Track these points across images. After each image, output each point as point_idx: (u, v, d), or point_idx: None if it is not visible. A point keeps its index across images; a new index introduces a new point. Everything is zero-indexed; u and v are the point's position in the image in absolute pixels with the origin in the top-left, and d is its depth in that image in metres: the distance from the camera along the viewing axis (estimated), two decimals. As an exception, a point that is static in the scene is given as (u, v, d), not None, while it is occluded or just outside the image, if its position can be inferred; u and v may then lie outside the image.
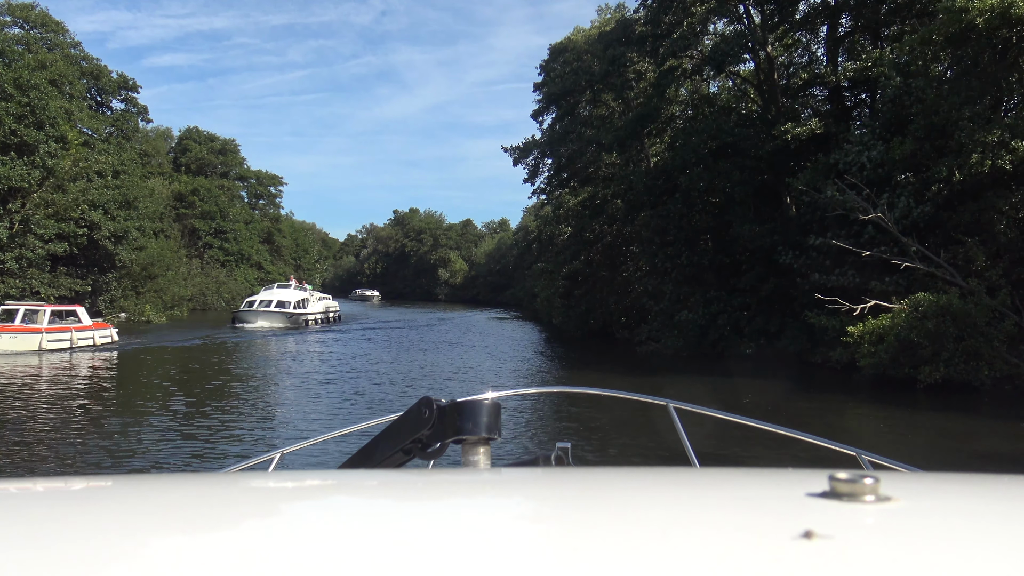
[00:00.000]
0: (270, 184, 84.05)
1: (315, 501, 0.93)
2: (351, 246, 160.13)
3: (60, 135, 39.99)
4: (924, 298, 18.12)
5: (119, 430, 13.34)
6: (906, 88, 20.22)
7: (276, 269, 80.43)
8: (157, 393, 18.55)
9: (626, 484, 0.97)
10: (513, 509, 0.89)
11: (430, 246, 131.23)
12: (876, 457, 1.50)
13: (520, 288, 73.09)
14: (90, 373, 22.26)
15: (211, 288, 65.72)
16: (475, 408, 1.27)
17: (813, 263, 22.04)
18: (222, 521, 0.79)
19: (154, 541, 0.70)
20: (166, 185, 66.81)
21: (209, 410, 15.80)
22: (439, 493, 0.94)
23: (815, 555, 0.57)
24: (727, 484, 0.98)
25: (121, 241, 45.43)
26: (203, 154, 74.42)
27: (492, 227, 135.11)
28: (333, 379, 21.15)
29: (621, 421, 13.46)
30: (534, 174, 39.82)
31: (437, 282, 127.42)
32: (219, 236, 70.13)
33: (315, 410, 16.16)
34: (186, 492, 0.97)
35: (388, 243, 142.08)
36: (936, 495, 0.89)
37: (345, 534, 0.70)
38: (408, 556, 0.61)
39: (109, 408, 16.40)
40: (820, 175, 21.79)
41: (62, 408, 15.93)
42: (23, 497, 0.93)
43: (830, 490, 0.72)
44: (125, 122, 52.63)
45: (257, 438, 13.10)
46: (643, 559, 0.58)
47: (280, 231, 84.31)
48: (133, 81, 52.71)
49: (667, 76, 26.50)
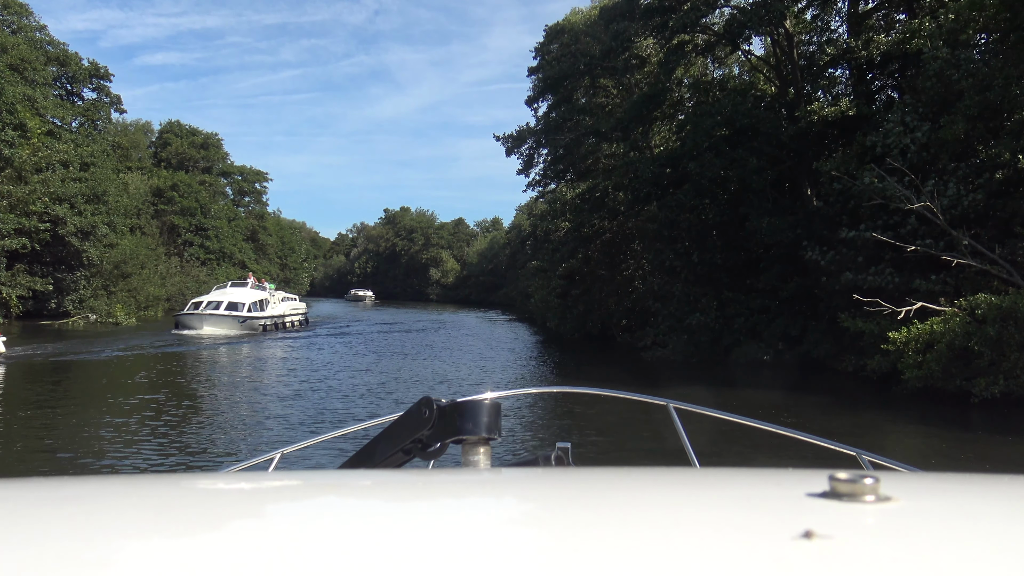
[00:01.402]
0: (255, 180, 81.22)
1: (315, 501, 0.91)
2: (341, 245, 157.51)
3: (19, 123, 37.23)
4: (983, 300, 15.63)
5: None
6: (954, 61, 17.74)
7: (260, 268, 77.59)
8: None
9: (626, 484, 0.97)
10: (513, 509, 0.89)
11: (421, 245, 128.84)
12: (876, 457, 1.50)
13: (513, 288, 70.67)
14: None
15: (191, 287, 62.85)
16: (475, 408, 1.27)
17: (844, 260, 19.53)
18: (221, 521, 0.78)
19: (153, 541, 0.69)
20: (144, 180, 64.03)
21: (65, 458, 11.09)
22: (439, 493, 0.93)
23: (815, 555, 0.58)
24: (727, 484, 0.98)
25: (89, 237, 42.66)
26: (184, 148, 71.54)
27: (484, 226, 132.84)
28: (269, 413, 15.38)
29: (621, 421, 13.13)
30: (528, 165, 37.05)
31: (428, 282, 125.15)
32: (200, 233, 67.30)
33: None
34: (185, 492, 0.96)
35: (379, 242, 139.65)
36: (936, 495, 0.88)
37: (345, 534, 0.69)
38: (408, 556, 0.61)
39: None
40: (854, 160, 19.29)
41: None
42: (21, 497, 0.90)
43: (830, 490, 0.72)
44: (96, 112, 49.76)
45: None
46: (643, 559, 0.58)
47: (265, 229, 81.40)
48: (105, 69, 49.89)
49: (676, 53, 23.95)
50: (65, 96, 49.71)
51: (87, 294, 44.61)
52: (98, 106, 50.04)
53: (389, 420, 1.43)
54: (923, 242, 17.30)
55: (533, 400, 15.53)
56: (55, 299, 43.31)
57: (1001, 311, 15.25)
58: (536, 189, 37.92)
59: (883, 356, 17.68)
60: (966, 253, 16.84)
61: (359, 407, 16.14)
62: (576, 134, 32.74)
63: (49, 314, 42.35)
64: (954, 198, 17.16)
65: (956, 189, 17.24)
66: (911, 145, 17.83)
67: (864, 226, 18.59)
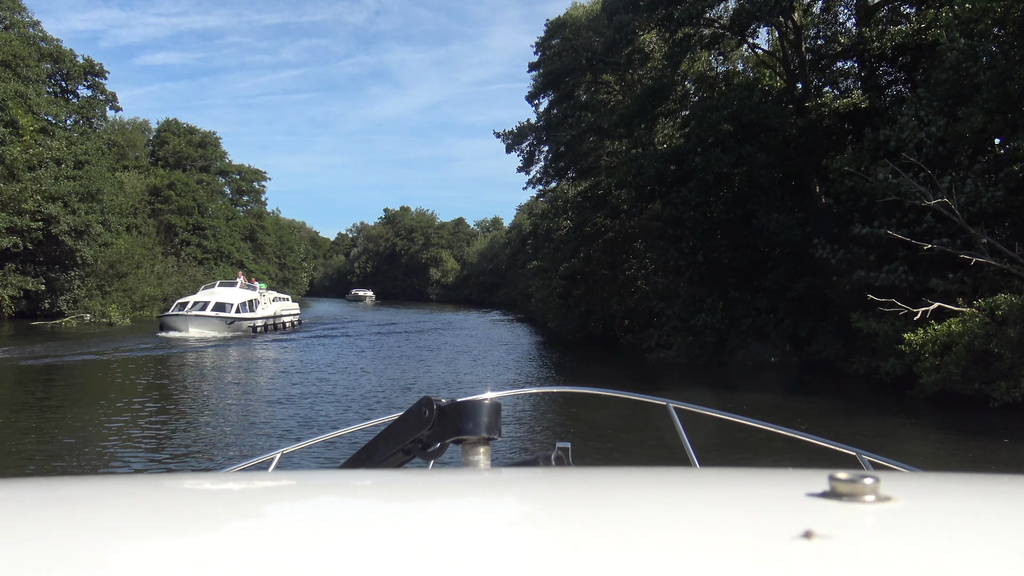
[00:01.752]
0: (253, 179, 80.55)
1: (315, 501, 0.91)
2: (341, 245, 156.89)
3: (11, 119, 36.60)
4: (1004, 300, 14.97)
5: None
6: (971, 52, 17.07)
7: (259, 268, 76.98)
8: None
9: (626, 484, 0.96)
10: (513, 509, 0.89)
11: (421, 245, 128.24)
12: (876, 457, 1.49)
13: (513, 288, 70.00)
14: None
15: (188, 287, 62.19)
16: (475, 408, 1.27)
17: (856, 258, 18.86)
18: (221, 521, 0.78)
19: (153, 541, 0.69)
20: (141, 179, 63.39)
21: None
22: (439, 493, 0.93)
23: (815, 555, 0.58)
24: (727, 484, 0.97)
25: (83, 236, 42.01)
26: (182, 147, 70.88)
27: (485, 226, 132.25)
28: (255, 419, 14.65)
29: (621, 421, 12.92)
30: (529, 162, 36.29)
31: (428, 282, 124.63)
32: (197, 233, 66.63)
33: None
34: (185, 492, 0.96)
35: (379, 242, 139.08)
36: (936, 495, 0.88)
37: (345, 534, 0.69)
38: (408, 556, 0.61)
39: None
40: (866, 156, 18.62)
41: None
42: (20, 497, 0.89)
43: (830, 490, 0.72)
44: (91, 110, 49.08)
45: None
46: (643, 559, 0.58)
47: (264, 228, 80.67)
48: (100, 66, 49.20)
49: (682, 45, 23.24)
50: (60, 94, 49.06)
51: (81, 294, 43.97)
52: (93, 104, 49.34)
53: (389, 420, 1.43)
54: (939, 240, 16.63)
55: (533, 400, 15.35)
56: (49, 299, 42.68)
57: (1022, 312, 14.60)
58: (537, 188, 37.30)
59: (898, 358, 17.03)
60: (985, 251, 16.17)
61: (353, 412, 15.49)
62: (577, 131, 32.05)
63: (43, 314, 41.73)
64: (972, 194, 16.49)
65: (974, 185, 16.57)
66: (927, 139, 17.16)
67: (877, 223, 17.93)
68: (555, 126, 32.33)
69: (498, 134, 36.15)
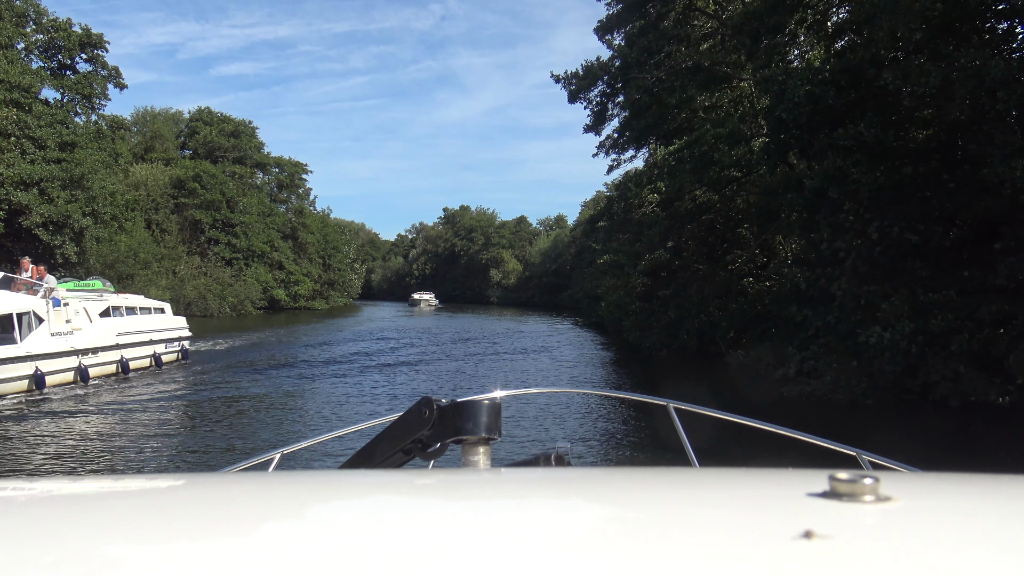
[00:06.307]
0: (293, 172, 73.81)
1: (315, 501, 0.90)
2: (400, 247, 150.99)
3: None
4: None
5: None
6: None
7: (299, 269, 70.26)
8: None
9: (626, 484, 0.97)
10: (513, 509, 0.86)
11: (481, 245, 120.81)
12: (876, 457, 1.50)
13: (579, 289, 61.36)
14: None
15: (213, 291, 55.60)
16: (475, 408, 1.26)
17: None
18: (221, 521, 0.77)
19: (153, 541, 0.68)
20: (164, 171, 57.15)
21: None
22: (439, 493, 0.93)
23: (815, 555, 0.57)
24: (727, 484, 0.97)
25: (62, 230, 35.27)
26: (213, 136, 64.52)
27: (548, 224, 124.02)
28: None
29: (621, 421, 12.93)
30: (600, 118, 27.35)
31: (489, 284, 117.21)
32: (226, 230, 60.11)
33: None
34: (185, 492, 0.96)
35: (438, 242, 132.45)
36: (936, 495, 0.87)
37: (345, 534, 0.69)
38: (408, 556, 0.61)
39: None
40: None
41: None
42: (20, 497, 0.90)
43: (830, 490, 0.72)
44: (88, 85, 42.52)
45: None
46: (643, 559, 0.58)
47: (306, 226, 73.74)
48: (99, 36, 42.63)
49: None
50: (58, 69, 42.75)
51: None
52: (91, 78, 42.75)
53: (389, 420, 1.41)
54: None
55: (533, 400, 14.95)
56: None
57: None
58: (611, 155, 28.37)
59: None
60: None
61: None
62: (665, 71, 23.28)
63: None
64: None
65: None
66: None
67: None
68: (635, 65, 23.48)
69: (558, 78, 27.46)
